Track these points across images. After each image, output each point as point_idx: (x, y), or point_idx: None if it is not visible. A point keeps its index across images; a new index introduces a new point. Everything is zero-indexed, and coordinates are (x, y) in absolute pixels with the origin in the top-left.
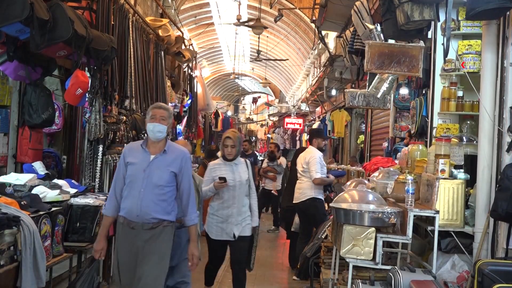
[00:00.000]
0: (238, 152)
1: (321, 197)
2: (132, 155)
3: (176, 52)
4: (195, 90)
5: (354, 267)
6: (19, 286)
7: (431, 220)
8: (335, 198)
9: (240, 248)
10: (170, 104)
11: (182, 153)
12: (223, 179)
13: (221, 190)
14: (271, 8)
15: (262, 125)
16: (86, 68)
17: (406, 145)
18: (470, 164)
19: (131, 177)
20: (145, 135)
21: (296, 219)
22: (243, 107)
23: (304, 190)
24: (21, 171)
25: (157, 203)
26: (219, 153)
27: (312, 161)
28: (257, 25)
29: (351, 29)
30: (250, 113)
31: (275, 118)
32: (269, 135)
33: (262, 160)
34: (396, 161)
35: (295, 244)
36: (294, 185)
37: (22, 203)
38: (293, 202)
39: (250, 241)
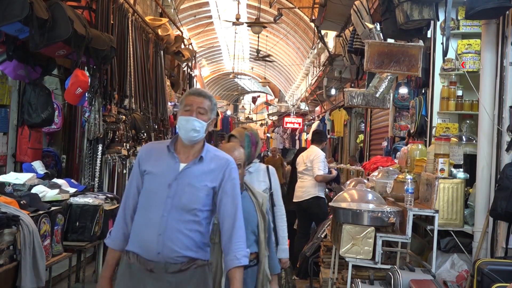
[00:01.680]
0: (250, 155)
1: (323, 195)
2: (151, 160)
3: (176, 51)
4: None
5: (354, 266)
6: (19, 286)
7: (430, 220)
8: (335, 198)
9: None
10: (169, 103)
11: (226, 162)
12: None
13: None
14: (270, 8)
15: (261, 125)
16: (86, 68)
17: (407, 144)
18: (470, 163)
19: (148, 194)
20: (141, 134)
21: None
22: (243, 106)
23: (307, 189)
24: (21, 171)
25: (188, 235)
26: None
27: (317, 159)
28: (256, 24)
29: (351, 28)
30: (250, 112)
31: (275, 118)
32: (268, 135)
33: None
34: (396, 161)
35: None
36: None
37: (21, 202)
38: (294, 200)
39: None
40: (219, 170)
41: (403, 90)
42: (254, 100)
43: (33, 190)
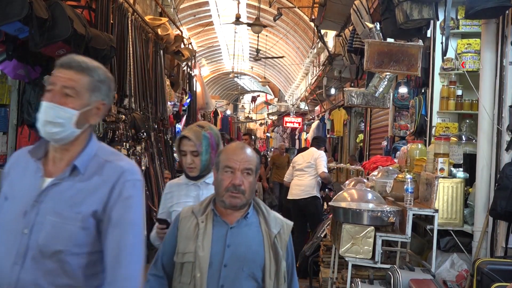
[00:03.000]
0: (208, 163)
1: (319, 195)
2: (13, 175)
3: (175, 51)
4: (194, 89)
5: (353, 266)
6: None
7: (430, 219)
8: (334, 197)
9: None
10: (169, 103)
11: (117, 173)
12: (164, 223)
13: None
14: (270, 7)
15: (261, 124)
16: None
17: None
18: (469, 163)
19: (1, 230)
20: (141, 134)
21: None
22: (242, 106)
23: (306, 188)
24: None
25: None
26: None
27: (321, 158)
28: (256, 24)
29: (350, 28)
30: (249, 112)
31: (274, 117)
32: (268, 134)
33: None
34: (395, 160)
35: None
36: None
37: None
38: (289, 197)
39: None
40: (106, 186)
41: (403, 90)
42: (253, 99)
43: None
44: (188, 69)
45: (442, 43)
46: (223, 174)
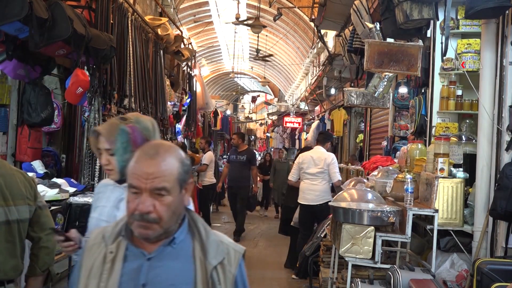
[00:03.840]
0: (126, 163)
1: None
2: None
3: (175, 51)
4: (194, 89)
5: (353, 266)
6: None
7: (430, 219)
8: (335, 197)
9: None
10: (169, 103)
11: None
12: (61, 234)
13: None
14: (270, 7)
15: (261, 124)
16: (85, 67)
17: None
18: (469, 163)
19: None
20: None
21: (296, 214)
22: (242, 106)
23: (322, 193)
24: None
25: None
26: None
27: (334, 163)
28: (256, 24)
29: (350, 28)
30: (250, 112)
31: (274, 117)
32: (268, 134)
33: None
34: (395, 160)
35: (295, 244)
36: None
37: None
38: (303, 202)
39: None
40: None
41: (403, 90)
42: (253, 99)
43: None
44: (188, 69)
45: (442, 43)
46: (128, 195)
